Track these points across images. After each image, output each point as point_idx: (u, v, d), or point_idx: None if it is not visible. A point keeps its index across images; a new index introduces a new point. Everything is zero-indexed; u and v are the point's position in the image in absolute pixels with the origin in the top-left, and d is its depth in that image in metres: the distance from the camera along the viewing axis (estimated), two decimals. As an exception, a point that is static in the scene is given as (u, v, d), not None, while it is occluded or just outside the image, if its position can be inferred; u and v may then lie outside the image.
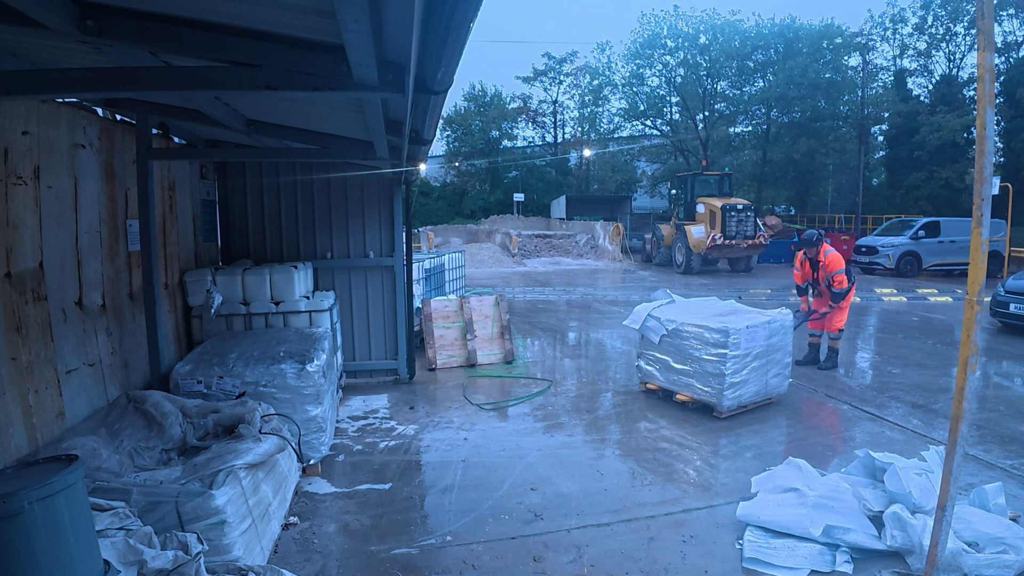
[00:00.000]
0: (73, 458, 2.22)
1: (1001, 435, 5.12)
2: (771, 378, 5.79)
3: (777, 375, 5.86)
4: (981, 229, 2.66)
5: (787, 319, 5.88)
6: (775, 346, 5.74)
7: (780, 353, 5.82)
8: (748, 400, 5.64)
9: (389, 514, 3.85)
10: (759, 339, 5.58)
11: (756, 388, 5.66)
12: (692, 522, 3.74)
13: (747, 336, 5.48)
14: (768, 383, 5.78)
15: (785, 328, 5.85)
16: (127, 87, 2.64)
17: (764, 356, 5.64)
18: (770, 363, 5.73)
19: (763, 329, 5.61)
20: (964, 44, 28.40)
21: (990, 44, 2.55)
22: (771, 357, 5.72)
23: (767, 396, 5.83)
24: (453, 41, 1.94)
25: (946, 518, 2.80)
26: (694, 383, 5.68)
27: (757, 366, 5.60)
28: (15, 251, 3.15)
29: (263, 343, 4.81)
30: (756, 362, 5.58)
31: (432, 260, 9.92)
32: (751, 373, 5.57)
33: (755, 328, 5.56)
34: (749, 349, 5.49)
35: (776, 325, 5.76)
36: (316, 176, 6.45)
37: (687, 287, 15.90)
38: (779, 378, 5.90)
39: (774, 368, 5.79)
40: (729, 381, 5.44)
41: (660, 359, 6.01)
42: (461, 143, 40.66)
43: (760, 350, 5.59)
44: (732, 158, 31.94)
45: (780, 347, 5.80)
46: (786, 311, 5.95)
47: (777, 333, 5.77)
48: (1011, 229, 17.11)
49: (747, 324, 5.52)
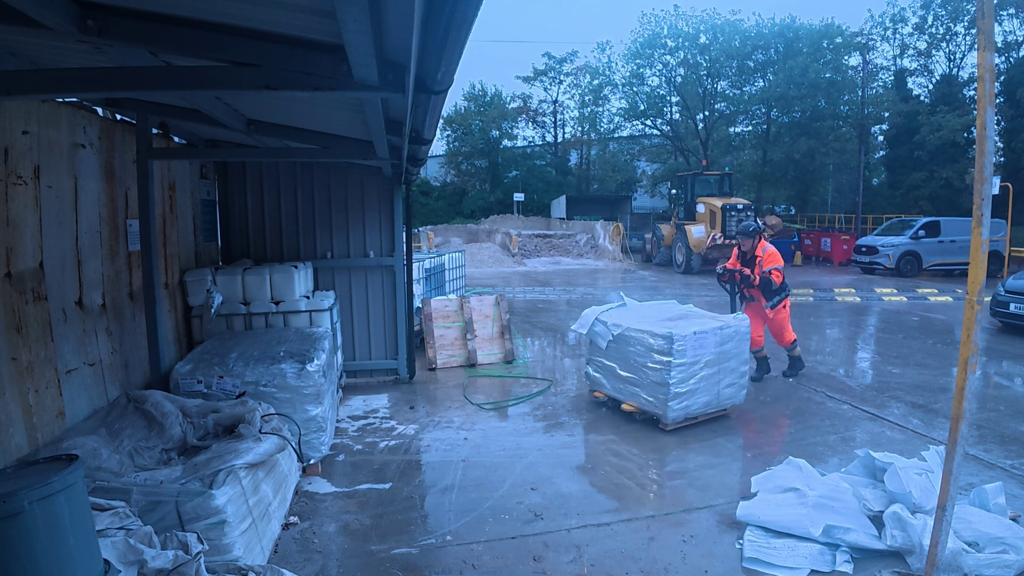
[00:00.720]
0: (73, 458, 2.22)
1: (1001, 435, 5.12)
2: (724, 388, 5.39)
3: (731, 385, 5.45)
4: (981, 229, 2.66)
5: (743, 325, 5.47)
6: (728, 353, 5.35)
7: (735, 361, 5.42)
8: (698, 411, 5.27)
9: (389, 514, 3.86)
10: (708, 346, 5.19)
11: (707, 399, 5.29)
12: (692, 522, 3.74)
13: (694, 343, 5.10)
14: (721, 393, 5.38)
15: (740, 334, 5.43)
16: (127, 87, 2.64)
17: (715, 364, 5.26)
18: (723, 372, 5.34)
19: (713, 335, 5.21)
20: (964, 44, 28.40)
21: (990, 44, 2.55)
22: (724, 366, 5.33)
23: (720, 407, 5.45)
24: (453, 41, 1.94)
25: (946, 518, 2.80)
26: (640, 392, 5.31)
27: (707, 375, 5.22)
28: (15, 251, 3.15)
29: (263, 343, 4.81)
30: (706, 371, 5.20)
31: (432, 260, 9.92)
32: (701, 383, 5.19)
33: (703, 335, 5.15)
34: (697, 357, 5.13)
35: (729, 331, 5.34)
36: (316, 176, 6.46)
37: (687, 287, 15.90)
38: (733, 388, 5.48)
39: (728, 377, 5.39)
40: (674, 391, 5.05)
41: (607, 366, 5.65)
42: (461, 143, 40.66)
43: (710, 358, 5.21)
44: (732, 158, 31.92)
45: (734, 355, 5.41)
46: (743, 316, 5.59)
47: (730, 340, 5.35)
48: (1011, 229, 17.10)
49: (695, 330, 5.13)
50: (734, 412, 5.66)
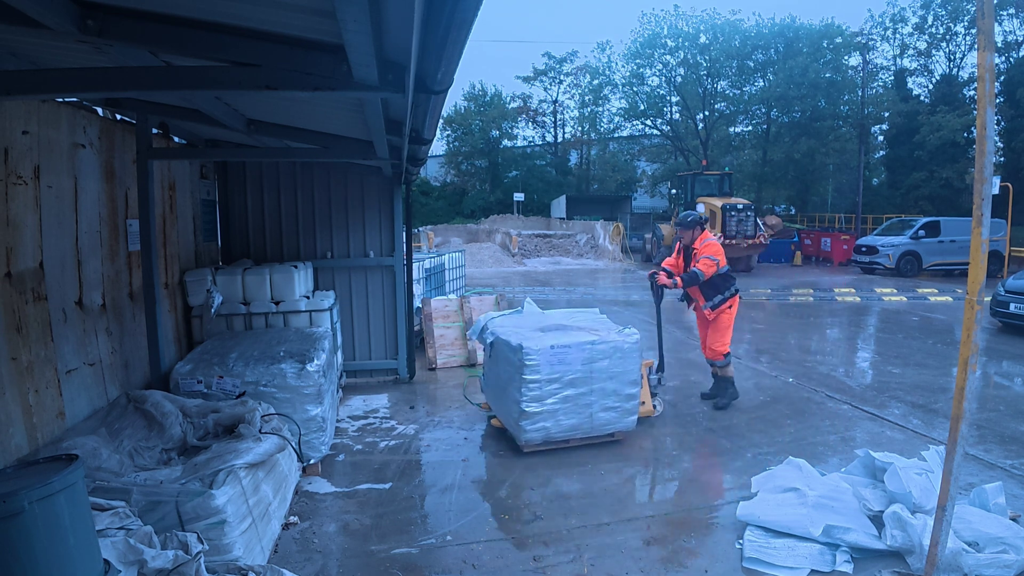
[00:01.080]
0: (73, 458, 2.22)
1: (1001, 435, 5.12)
2: (599, 411, 4.71)
3: (611, 409, 4.75)
4: (981, 229, 2.66)
5: (629, 340, 4.76)
6: (603, 373, 4.68)
7: (614, 382, 4.71)
8: (561, 435, 4.68)
9: (389, 514, 3.86)
10: (572, 363, 4.58)
11: (575, 422, 4.67)
12: (692, 522, 3.74)
13: (550, 358, 4.52)
14: (595, 417, 4.71)
15: (622, 352, 4.71)
16: (127, 87, 2.64)
17: (585, 384, 4.63)
18: (596, 393, 4.68)
19: (578, 351, 4.59)
20: (964, 44, 28.41)
21: (990, 44, 2.55)
22: (597, 386, 4.67)
23: (593, 433, 4.78)
24: (453, 41, 1.94)
25: (946, 518, 2.80)
26: (504, 407, 4.89)
27: (572, 395, 4.61)
28: (15, 251, 3.15)
29: (263, 343, 4.81)
30: (570, 390, 4.60)
31: (432, 260, 9.92)
32: (563, 403, 4.59)
33: (564, 349, 4.56)
34: (557, 373, 4.55)
35: (605, 347, 4.65)
36: (316, 176, 6.46)
37: (687, 287, 15.89)
38: (615, 412, 4.77)
39: (606, 400, 4.72)
40: (526, 409, 4.50)
41: (489, 376, 5.23)
42: (461, 143, 40.68)
43: (576, 376, 4.60)
44: (732, 158, 31.95)
45: (614, 375, 4.70)
46: (632, 330, 4.85)
47: (606, 357, 4.66)
48: (1011, 229, 17.10)
49: (553, 344, 4.54)
50: (631, 437, 5.04)
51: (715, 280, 5.74)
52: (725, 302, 5.80)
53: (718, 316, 5.82)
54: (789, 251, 22.06)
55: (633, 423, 4.93)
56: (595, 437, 4.83)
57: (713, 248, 5.75)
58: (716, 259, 5.66)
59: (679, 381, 6.90)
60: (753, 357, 8.08)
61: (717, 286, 5.77)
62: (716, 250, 5.74)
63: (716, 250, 5.74)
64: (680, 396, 6.32)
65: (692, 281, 5.66)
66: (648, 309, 12.20)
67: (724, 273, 5.80)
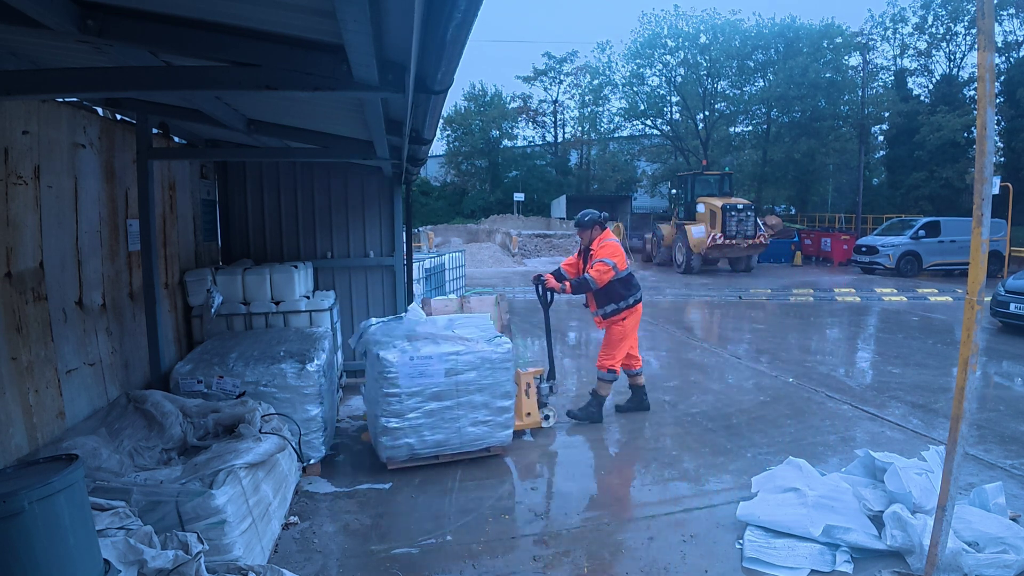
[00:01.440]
0: (73, 458, 2.22)
1: (1001, 435, 5.12)
2: (469, 426, 4.43)
3: (482, 423, 4.47)
4: (981, 229, 2.66)
5: (499, 350, 4.49)
6: (472, 385, 4.40)
7: (483, 395, 4.45)
8: (430, 451, 4.40)
9: (389, 514, 3.86)
10: (434, 375, 4.30)
11: (442, 437, 4.39)
12: (692, 522, 3.74)
13: (410, 370, 4.24)
14: (464, 432, 4.43)
15: (493, 363, 4.44)
16: (127, 87, 2.64)
17: (451, 397, 4.36)
18: (464, 407, 4.40)
19: (440, 362, 4.31)
20: (964, 44, 28.44)
21: (990, 44, 2.55)
22: (465, 399, 4.40)
23: (464, 449, 4.50)
24: (453, 41, 1.94)
25: (946, 518, 2.80)
26: (371, 420, 4.67)
27: (436, 409, 4.33)
28: (15, 251, 3.15)
29: (263, 343, 4.81)
30: (433, 404, 4.32)
31: (432, 260, 9.94)
32: (427, 417, 4.32)
33: (425, 361, 4.27)
34: (418, 386, 4.28)
35: (472, 358, 4.38)
36: (316, 176, 6.46)
37: (687, 286, 15.91)
38: (487, 427, 4.49)
39: (476, 413, 4.44)
40: (384, 424, 4.27)
41: (369, 387, 4.86)
42: (461, 143, 40.69)
43: (439, 389, 4.32)
44: (732, 158, 31.96)
45: (483, 387, 4.44)
46: (502, 339, 4.60)
47: (473, 368, 4.38)
48: (1011, 229, 17.11)
49: (412, 355, 4.27)
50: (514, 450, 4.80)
51: (613, 286, 5.23)
52: (619, 312, 5.29)
53: (609, 327, 5.38)
54: (789, 251, 22.07)
55: (508, 437, 4.61)
56: (466, 453, 4.54)
57: (609, 250, 5.23)
58: (612, 263, 5.16)
59: (679, 381, 6.90)
60: (753, 357, 8.08)
61: (612, 294, 5.25)
62: (613, 252, 5.22)
63: (613, 252, 5.22)
64: (679, 396, 6.32)
65: (582, 287, 5.20)
66: (649, 309, 12.20)
67: (624, 278, 5.27)
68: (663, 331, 9.93)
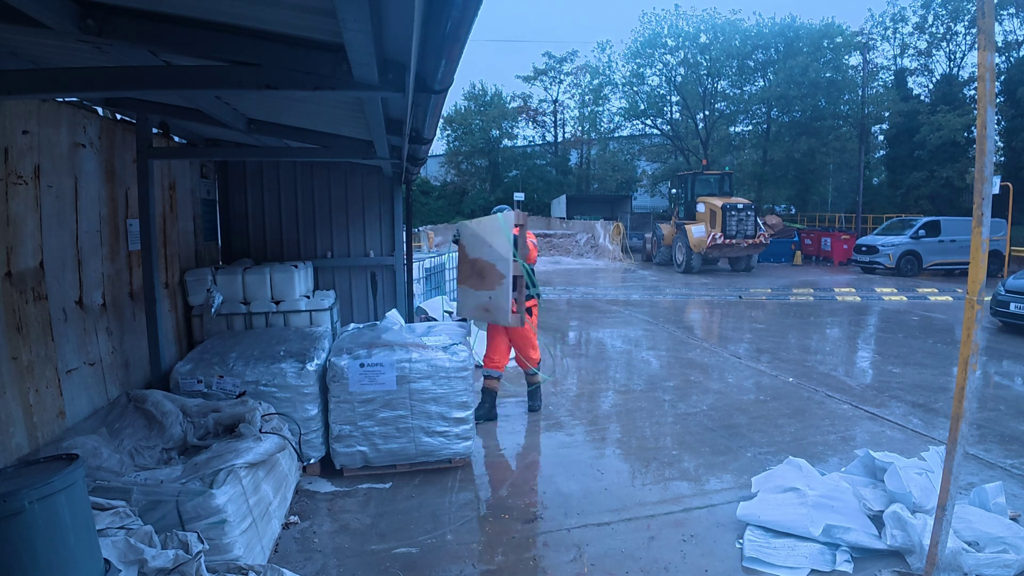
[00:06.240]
0: (74, 457, 2.22)
1: (1001, 434, 5.12)
2: (424, 436, 4.33)
3: (439, 433, 4.36)
4: (982, 228, 2.66)
5: (454, 359, 4.38)
6: (424, 394, 4.29)
7: (439, 405, 4.33)
8: (383, 461, 4.32)
9: (389, 513, 3.86)
10: (386, 383, 4.21)
11: (399, 446, 4.30)
12: (692, 521, 3.74)
13: (360, 376, 4.17)
14: (420, 442, 4.32)
15: (447, 371, 4.33)
16: (128, 86, 2.65)
17: (404, 406, 4.26)
18: (420, 416, 4.30)
19: (392, 370, 4.20)
20: (964, 43, 28.38)
21: (991, 43, 2.55)
22: (419, 408, 4.29)
23: (421, 459, 4.40)
24: (453, 40, 1.94)
25: (946, 517, 2.80)
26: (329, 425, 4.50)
27: (389, 417, 4.25)
28: (16, 250, 3.15)
29: (263, 342, 4.81)
30: (386, 412, 4.24)
31: (432, 259, 9.93)
32: (381, 426, 4.25)
33: (376, 368, 4.19)
34: (369, 394, 4.21)
35: (424, 366, 4.27)
36: (316, 175, 6.46)
37: (687, 286, 15.91)
38: (444, 439, 4.37)
39: (433, 424, 4.33)
40: (336, 431, 4.22)
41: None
42: (461, 142, 40.66)
43: (391, 397, 4.24)
44: (732, 157, 31.95)
45: (437, 396, 4.33)
46: (459, 348, 4.48)
47: (426, 377, 4.28)
48: (1011, 228, 17.11)
49: (364, 361, 4.20)
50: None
51: None
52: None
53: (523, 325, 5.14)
54: (789, 251, 22.07)
55: (468, 448, 4.47)
56: (426, 464, 4.43)
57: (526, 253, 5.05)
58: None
59: (679, 380, 6.90)
60: (753, 356, 8.08)
61: None
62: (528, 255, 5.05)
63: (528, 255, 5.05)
64: (679, 395, 6.32)
65: None
66: (650, 309, 12.20)
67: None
68: (663, 331, 9.92)
